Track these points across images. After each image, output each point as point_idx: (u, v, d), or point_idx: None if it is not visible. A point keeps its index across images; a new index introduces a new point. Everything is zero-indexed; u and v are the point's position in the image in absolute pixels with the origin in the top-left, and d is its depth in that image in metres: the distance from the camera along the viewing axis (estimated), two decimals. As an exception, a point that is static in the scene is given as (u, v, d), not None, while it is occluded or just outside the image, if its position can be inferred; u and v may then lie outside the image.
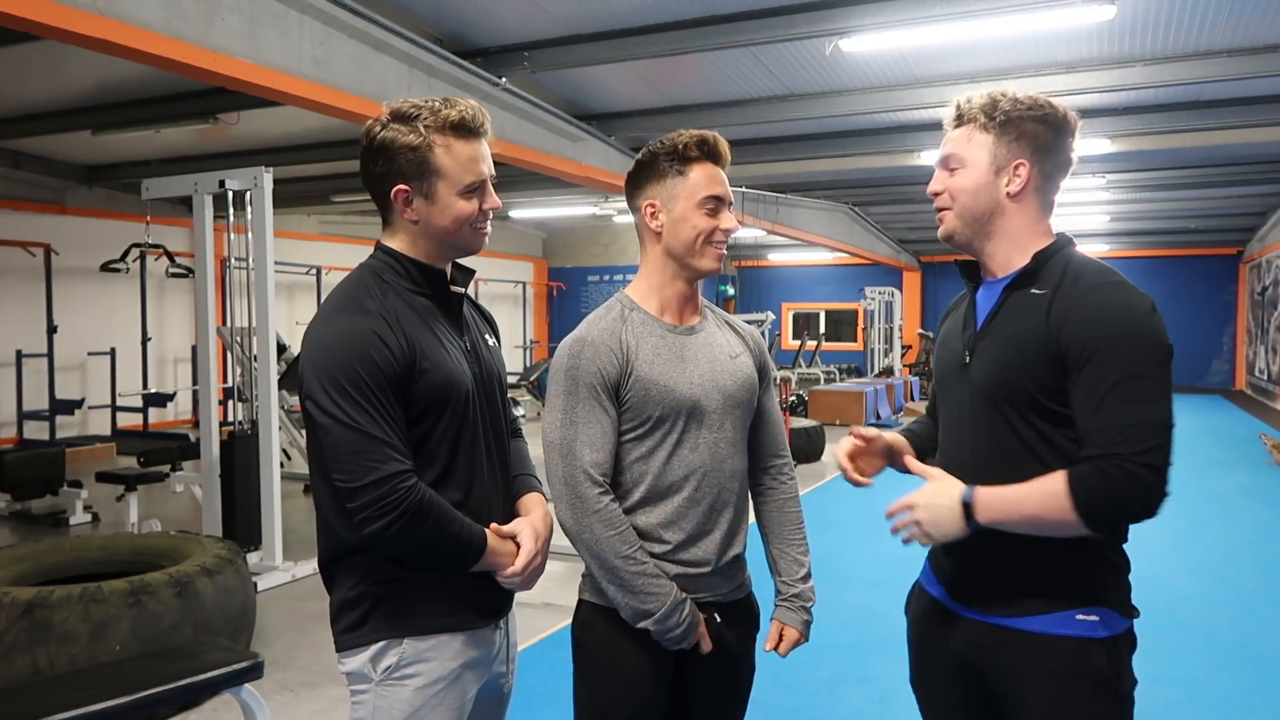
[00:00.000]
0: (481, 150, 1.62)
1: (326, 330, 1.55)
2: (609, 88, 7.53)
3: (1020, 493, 1.50)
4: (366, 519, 1.47)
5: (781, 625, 1.88)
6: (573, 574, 1.80)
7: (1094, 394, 1.45)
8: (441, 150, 1.57)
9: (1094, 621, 1.53)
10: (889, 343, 17.62)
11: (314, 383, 1.51)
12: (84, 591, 3.35)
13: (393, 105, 1.60)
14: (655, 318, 1.83)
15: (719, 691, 1.87)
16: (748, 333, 1.96)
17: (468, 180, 1.60)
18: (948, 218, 1.67)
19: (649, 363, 1.77)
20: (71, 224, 10.93)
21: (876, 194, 13.55)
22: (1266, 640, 4.39)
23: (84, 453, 9.33)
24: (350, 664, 1.60)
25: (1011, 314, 1.59)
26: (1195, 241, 18.00)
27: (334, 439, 1.49)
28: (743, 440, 1.86)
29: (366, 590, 1.58)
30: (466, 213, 1.62)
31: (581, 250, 18.83)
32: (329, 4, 5.10)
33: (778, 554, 1.93)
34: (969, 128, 1.64)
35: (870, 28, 5.60)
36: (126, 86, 7.06)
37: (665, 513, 1.77)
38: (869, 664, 4.05)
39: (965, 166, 1.63)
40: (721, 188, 1.81)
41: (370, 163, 1.60)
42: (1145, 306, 1.49)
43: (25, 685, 2.88)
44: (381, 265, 1.64)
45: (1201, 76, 6.58)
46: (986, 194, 1.62)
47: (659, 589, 1.72)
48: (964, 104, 1.65)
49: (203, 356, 5.54)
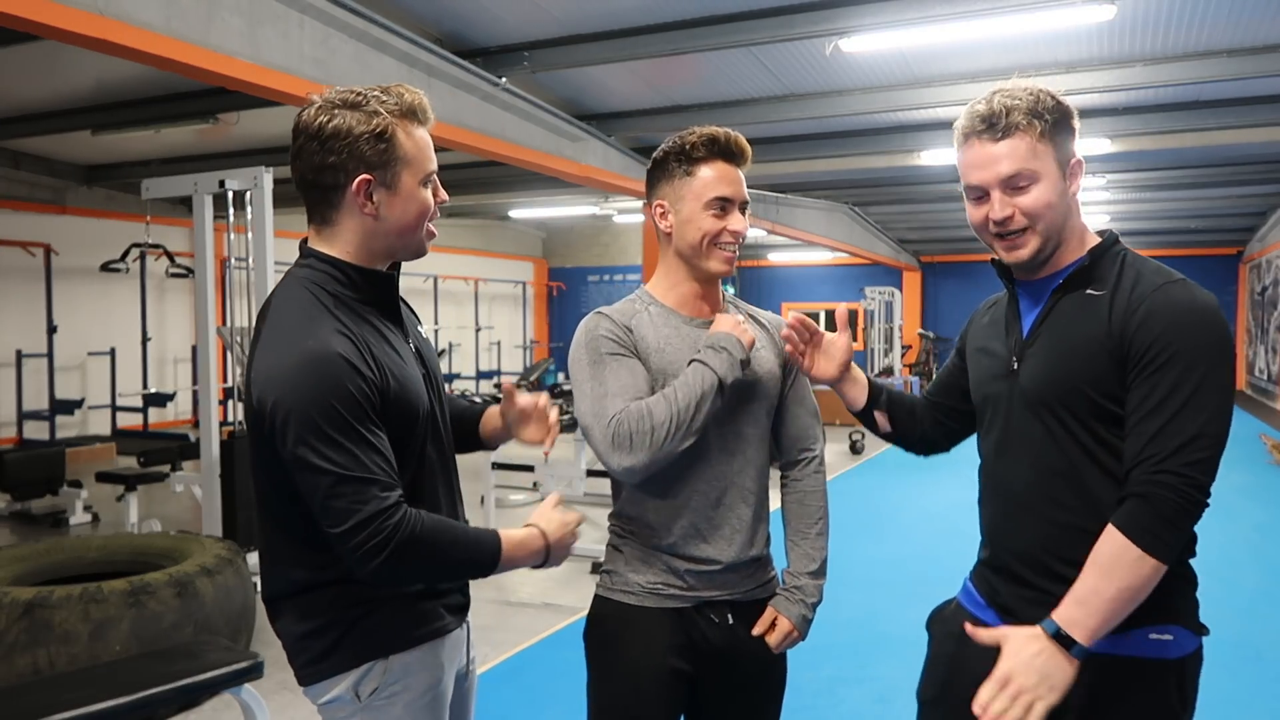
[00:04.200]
0: (429, 139, 1.53)
1: (287, 361, 1.39)
2: (609, 88, 7.53)
3: (1094, 582, 1.38)
4: (361, 561, 1.38)
5: (775, 614, 1.82)
6: (573, 574, 1.80)
7: (1154, 395, 1.39)
8: (403, 137, 1.47)
9: (1168, 641, 1.45)
10: (889, 342, 17.63)
11: (284, 424, 1.37)
12: (84, 591, 3.35)
13: (325, 95, 1.48)
14: (673, 310, 1.82)
15: (741, 696, 1.84)
16: (772, 324, 1.93)
17: (429, 168, 1.51)
18: (1030, 240, 1.52)
19: (658, 351, 1.76)
20: (71, 224, 10.93)
21: (876, 194, 13.55)
22: (1266, 640, 4.39)
23: (84, 453, 9.33)
24: (329, 693, 1.51)
25: (1065, 316, 1.52)
26: (1195, 241, 17.99)
27: (311, 484, 1.37)
28: (758, 435, 1.83)
29: (334, 619, 1.50)
30: (426, 204, 1.51)
31: (581, 250, 18.82)
32: (329, 4, 5.10)
33: (791, 546, 1.91)
34: (1024, 139, 1.49)
35: (870, 28, 5.60)
36: (126, 86, 7.06)
37: (673, 506, 1.76)
38: (869, 664, 4.05)
39: (1039, 181, 1.50)
40: (731, 188, 1.77)
41: (318, 154, 1.45)
42: (1212, 304, 1.44)
43: (25, 685, 2.88)
44: (321, 276, 1.49)
45: (1201, 76, 6.57)
46: (1063, 203, 1.52)
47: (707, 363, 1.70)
48: (1003, 115, 1.50)
49: (203, 356, 5.54)
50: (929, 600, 1.85)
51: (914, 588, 4.98)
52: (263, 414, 1.40)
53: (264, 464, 1.46)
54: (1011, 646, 1.39)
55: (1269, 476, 8.94)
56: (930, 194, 12.97)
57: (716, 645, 1.78)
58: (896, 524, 6.98)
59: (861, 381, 1.86)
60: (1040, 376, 1.52)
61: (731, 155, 1.78)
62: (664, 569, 1.77)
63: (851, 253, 16.61)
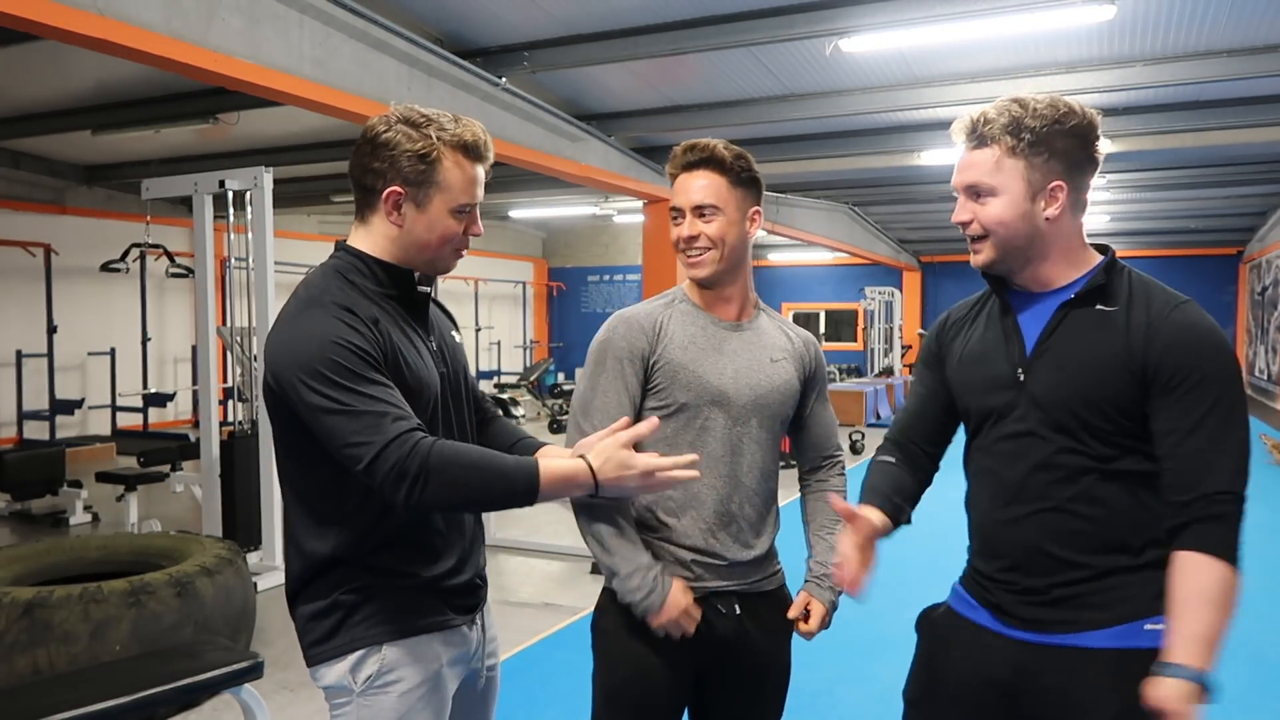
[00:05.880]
0: (480, 175, 1.61)
1: (294, 330, 1.49)
2: (609, 88, 7.53)
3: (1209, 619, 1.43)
4: (390, 491, 1.42)
5: (809, 597, 1.88)
6: (573, 574, 1.80)
7: (1190, 416, 1.45)
8: (449, 165, 1.55)
9: (1162, 631, 1.46)
10: (889, 343, 17.64)
11: (293, 381, 1.45)
12: (84, 591, 3.35)
13: (401, 109, 1.56)
14: (703, 310, 1.87)
15: (746, 687, 1.86)
16: (800, 339, 1.96)
17: (463, 200, 1.58)
18: (984, 249, 1.57)
19: (681, 348, 1.81)
20: (71, 224, 10.93)
21: (876, 194, 13.55)
22: (1266, 640, 4.39)
23: (84, 453, 9.33)
24: (327, 676, 1.56)
25: (1077, 331, 1.53)
26: (1195, 241, 17.99)
27: (328, 429, 1.44)
28: (771, 440, 1.88)
29: (338, 600, 1.55)
30: (452, 232, 1.59)
31: (581, 250, 18.82)
32: (329, 4, 5.10)
33: (814, 539, 1.97)
34: (994, 151, 1.51)
35: (870, 28, 5.60)
36: (126, 86, 7.06)
37: (685, 497, 1.79)
38: (869, 664, 4.05)
39: (997, 195, 1.52)
40: (679, 197, 1.83)
41: (366, 157, 1.56)
42: (1216, 324, 1.53)
43: (25, 685, 2.88)
44: (345, 265, 1.59)
45: (1201, 76, 6.57)
46: (1025, 223, 1.52)
47: (629, 551, 1.74)
48: (981, 123, 1.51)
49: (203, 356, 5.55)
50: (928, 600, 1.86)
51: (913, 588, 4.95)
52: (277, 381, 1.49)
53: (283, 436, 1.56)
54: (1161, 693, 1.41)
55: (1269, 476, 8.94)
56: (930, 194, 12.98)
57: (723, 636, 1.80)
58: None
59: (881, 523, 1.73)
60: (1055, 386, 1.54)
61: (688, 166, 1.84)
62: (671, 560, 1.80)
63: (851, 253, 16.61)
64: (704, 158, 1.81)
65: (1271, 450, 9.84)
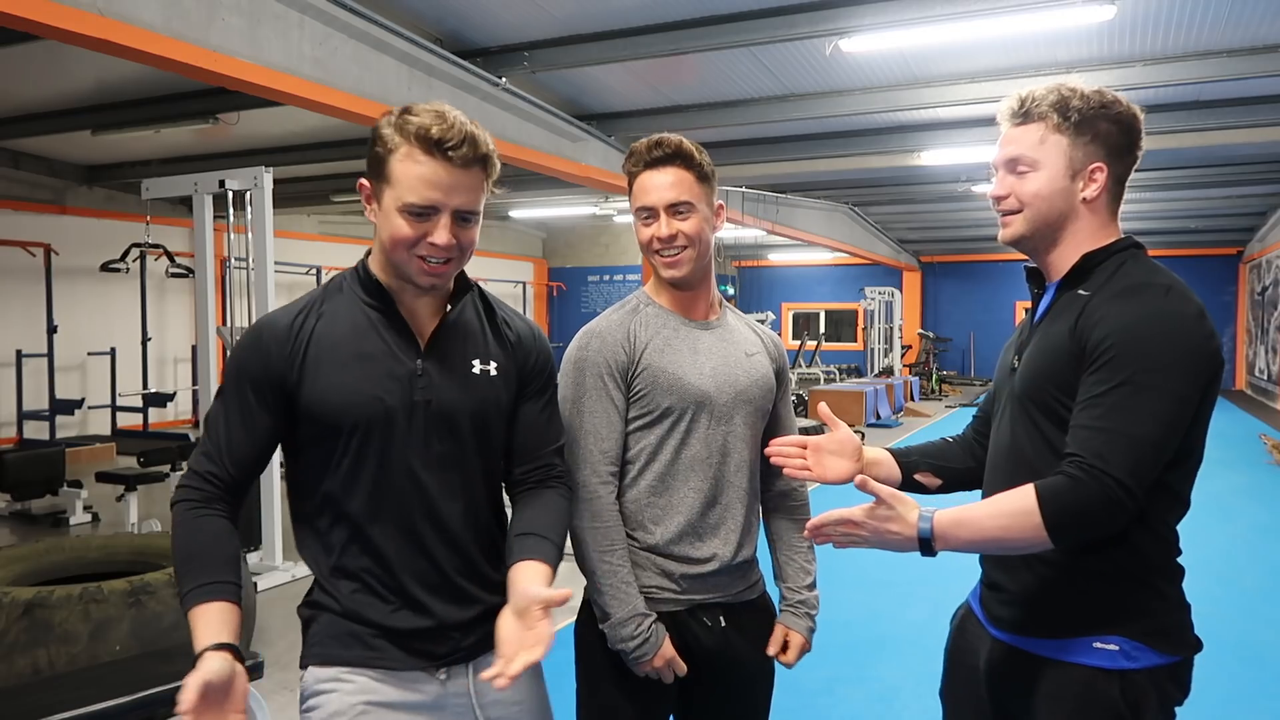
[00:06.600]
0: (441, 176, 1.41)
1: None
2: (609, 88, 7.53)
3: (984, 514, 1.41)
4: None
5: (787, 630, 1.85)
6: (572, 574, 1.80)
7: (1093, 390, 1.38)
8: (401, 157, 1.41)
9: (1112, 651, 1.43)
10: (889, 343, 17.64)
11: None
12: (84, 591, 3.35)
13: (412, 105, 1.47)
14: (670, 311, 1.83)
15: (732, 698, 1.84)
16: (768, 337, 1.95)
17: (409, 199, 1.41)
18: (1015, 222, 1.55)
19: (659, 352, 1.77)
20: (71, 224, 10.94)
21: (876, 194, 13.56)
22: (1266, 640, 4.39)
23: (84, 453, 9.32)
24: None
25: (1056, 315, 1.53)
26: (1195, 241, 18.00)
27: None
28: (754, 437, 1.84)
29: (301, 611, 1.57)
30: (402, 234, 1.43)
31: (581, 250, 18.83)
32: (329, 4, 5.10)
33: (784, 560, 1.92)
34: (1038, 127, 1.51)
35: (870, 28, 5.60)
36: (126, 86, 7.06)
37: (671, 503, 1.77)
38: (869, 664, 4.05)
39: (1038, 169, 1.51)
40: (650, 196, 1.75)
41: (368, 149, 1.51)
42: (1186, 312, 1.40)
43: (25, 685, 2.88)
44: (352, 270, 1.58)
45: (1201, 76, 6.58)
46: (1062, 199, 1.51)
47: (624, 595, 1.71)
48: (1029, 99, 1.52)
49: (203, 356, 5.55)
50: (928, 600, 1.86)
51: (913, 588, 4.97)
52: None
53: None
54: (884, 511, 1.42)
55: (1269, 476, 8.94)
56: (930, 194, 12.98)
57: (708, 648, 1.78)
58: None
59: (885, 460, 1.78)
60: (1024, 373, 1.54)
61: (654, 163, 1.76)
62: (657, 572, 1.78)
63: (851, 253, 16.63)
64: (671, 154, 1.74)
65: (1271, 450, 9.84)
